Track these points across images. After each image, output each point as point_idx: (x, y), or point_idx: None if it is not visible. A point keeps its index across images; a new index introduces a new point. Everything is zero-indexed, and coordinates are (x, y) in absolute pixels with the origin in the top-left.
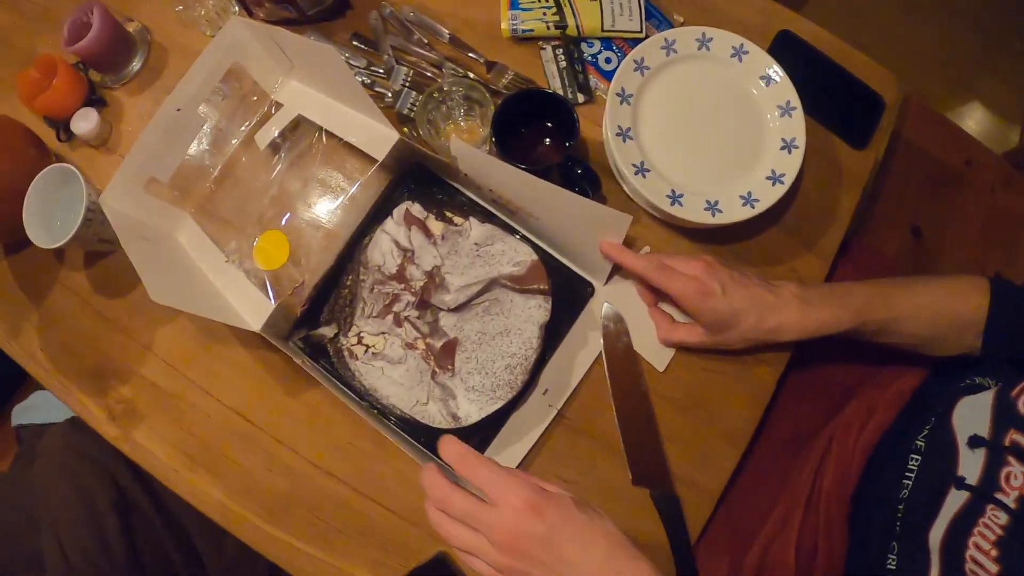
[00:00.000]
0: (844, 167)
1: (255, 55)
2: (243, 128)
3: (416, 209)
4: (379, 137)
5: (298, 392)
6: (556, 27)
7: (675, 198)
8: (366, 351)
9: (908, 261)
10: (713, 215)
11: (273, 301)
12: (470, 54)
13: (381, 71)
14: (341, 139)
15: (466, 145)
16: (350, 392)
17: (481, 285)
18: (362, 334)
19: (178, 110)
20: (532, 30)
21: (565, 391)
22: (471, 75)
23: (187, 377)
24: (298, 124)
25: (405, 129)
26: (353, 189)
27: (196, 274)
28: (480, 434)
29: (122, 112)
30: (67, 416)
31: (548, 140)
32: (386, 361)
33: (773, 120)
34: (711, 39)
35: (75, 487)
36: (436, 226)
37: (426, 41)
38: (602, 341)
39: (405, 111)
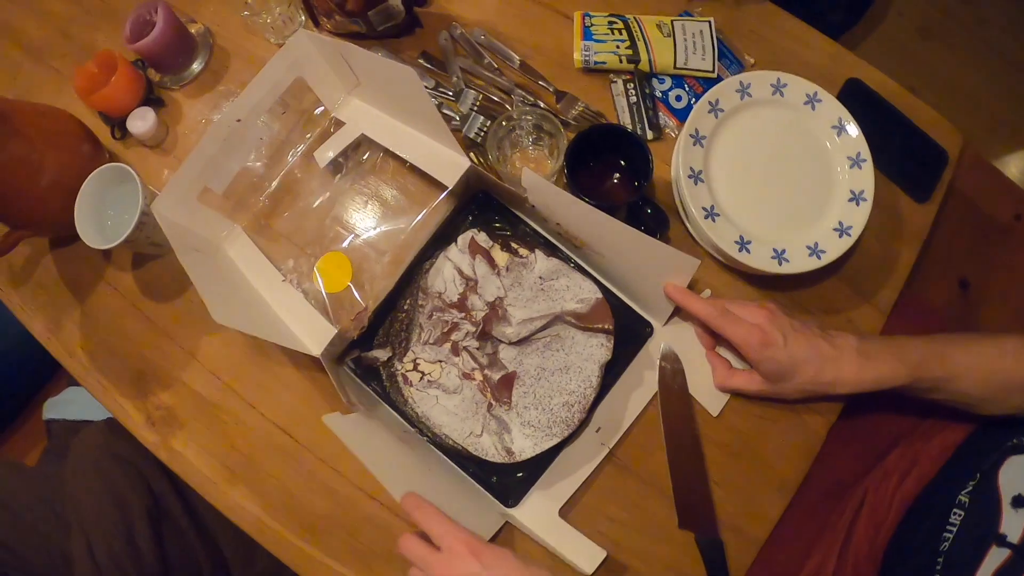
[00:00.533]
0: (905, 220)
1: (320, 70)
2: (302, 144)
3: (482, 238)
4: (449, 163)
5: (346, 412)
6: (629, 61)
7: (743, 244)
8: (421, 378)
9: (955, 313)
10: (780, 264)
11: (334, 325)
12: (540, 82)
13: (449, 93)
14: (405, 162)
15: (539, 177)
16: (399, 415)
17: (544, 320)
18: (418, 360)
19: (238, 120)
20: (604, 62)
21: (618, 430)
22: (542, 104)
23: (232, 388)
24: (360, 144)
25: (471, 154)
26: (420, 216)
27: (251, 292)
28: (528, 468)
29: (180, 114)
30: (101, 415)
31: (617, 176)
32: (441, 390)
33: (843, 171)
34: (786, 85)
35: (109, 490)
36: (501, 256)
37: (496, 65)
38: (657, 380)
39: (472, 135)
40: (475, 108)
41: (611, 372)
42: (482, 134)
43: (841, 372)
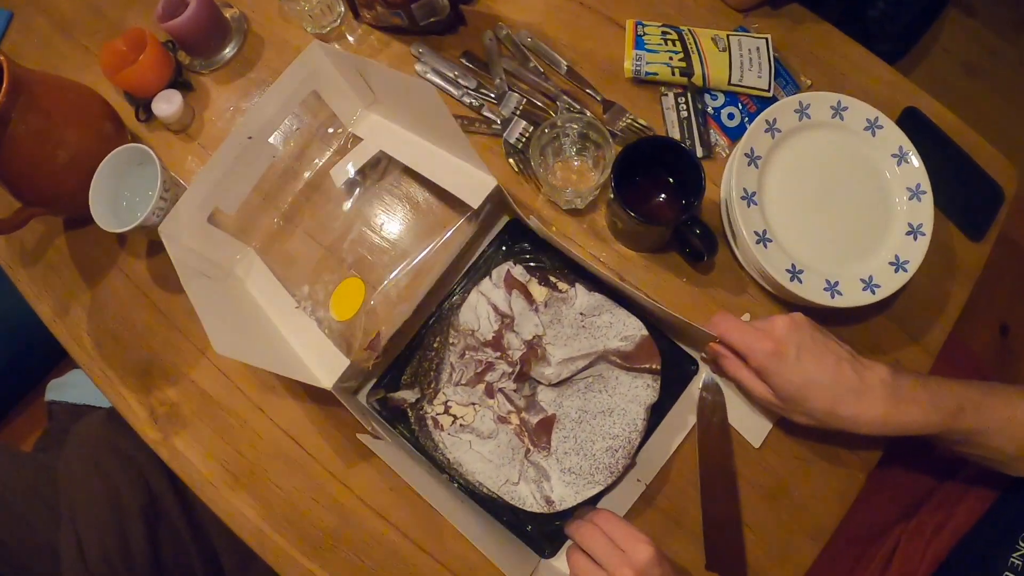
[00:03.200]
0: (958, 258)
1: (335, 84)
2: (317, 161)
3: (518, 272)
4: (474, 182)
5: (360, 428)
6: (682, 74)
7: (795, 274)
8: (453, 422)
9: (993, 358)
10: (832, 296)
11: (347, 355)
12: (587, 90)
13: (491, 95)
14: (426, 180)
15: (542, 228)
16: (429, 462)
17: (586, 360)
18: (450, 403)
19: (249, 138)
20: (656, 74)
21: (655, 466)
22: (588, 113)
23: (241, 390)
24: (379, 161)
25: (511, 161)
26: (442, 238)
27: (261, 319)
28: (566, 516)
29: (207, 99)
30: (104, 401)
31: (663, 194)
32: (475, 435)
33: (901, 203)
34: (846, 108)
35: (104, 485)
36: (539, 291)
37: (541, 70)
38: (696, 412)
39: (512, 140)
40: (517, 112)
41: (655, 414)
42: (523, 140)
43: (864, 410)
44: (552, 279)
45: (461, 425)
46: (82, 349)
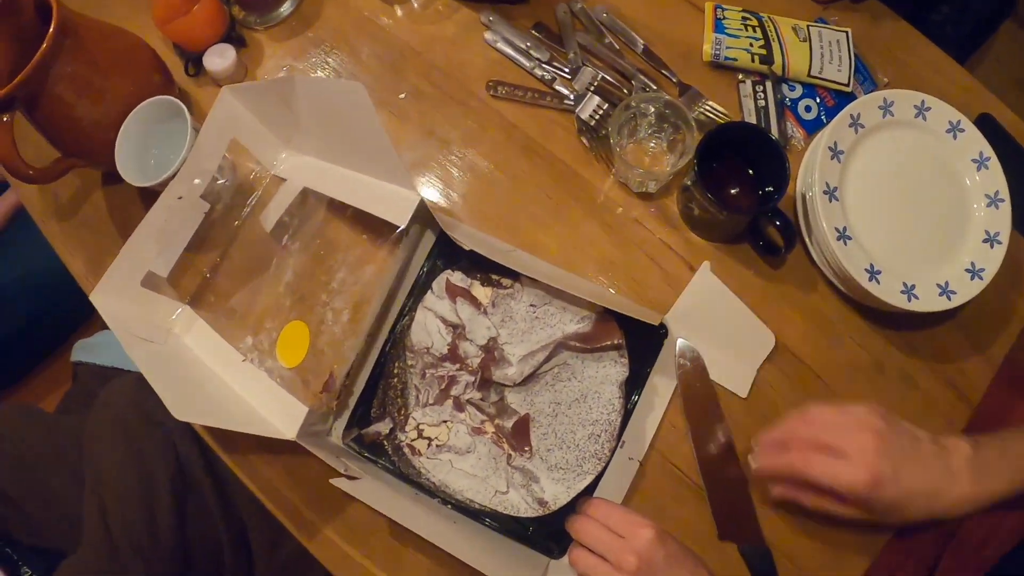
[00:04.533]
0: None
1: (252, 128)
2: (245, 210)
3: (457, 278)
4: (399, 201)
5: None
6: (762, 61)
7: (873, 274)
8: (429, 444)
9: None
10: (909, 300)
11: (304, 403)
12: (663, 71)
13: (565, 70)
14: (355, 211)
15: (470, 229)
16: (417, 489)
17: (546, 351)
18: (421, 426)
19: (179, 198)
20: (735, 59)
21: (645, 440)
22: (666, 94)
23: None
24: (306, 198)
25: (583, 138)
26: (375, 264)
27: (212, 378)
28: (566, 512)
29: (261, 56)
30: (133, 366)
31: (740, 183)
32: (453, 452)
33: (979, 209)
34: (929, 109)
35: (132, 452)
36: (483, 293)
37: (617, 47)
38: (678, 383)
39: (585, 116)
40: (592, 88)
41: (632, 388)
42: (596, 117)
43: (955, 497)
44: (494, 277)
45: (437, 446)
46: None
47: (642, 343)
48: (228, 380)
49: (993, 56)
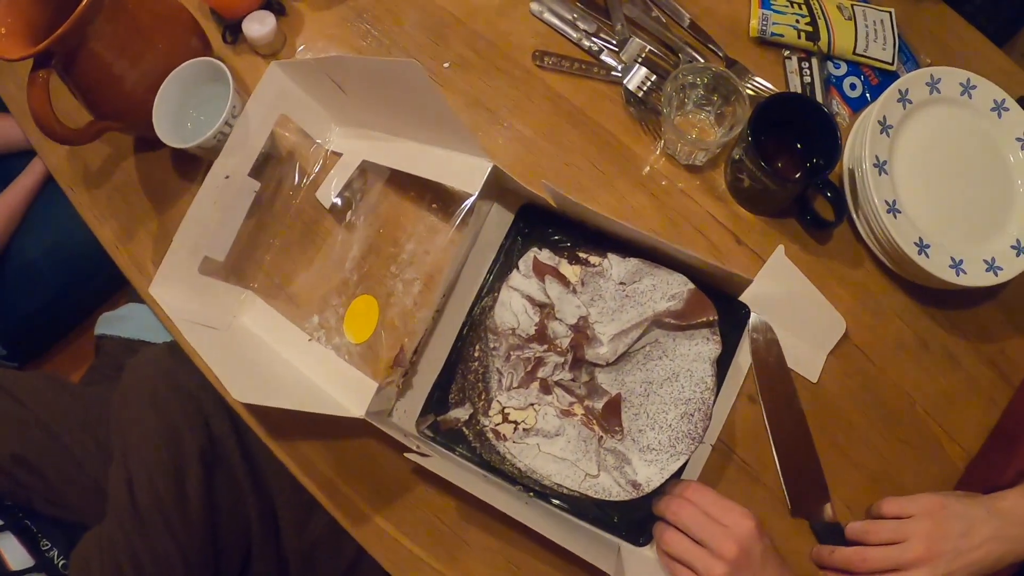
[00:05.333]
0: None
1: (302, 103)
2: (300, 188)
3: (545, 256)
4: (469, 168)
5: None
6: (808, 38)
7: (922, 247)
8: (515, 428)
9: None
10: (957, 275)
11: (374, 378)
12: (709, 45)
13: (612, 42)
14: (420, 181)
15: (559, 193)
16: (499, 479)
17: (638, 330)
18: (507, 410)
19: (227, 177)
20: (782, 35)
21: (718, 423)
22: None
23: None
24: (364, 172)
25: (630, 108)
26: (449, 233)
27: (276, 361)
28: (651, 497)
29: (300, 25)
30: (161, 337)
31: (788, 157)
32: (542, 436)
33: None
34: (975, 87)
35: (162, 421)
36: (571, 271)
37: (663, 20)
38: (752, 358)
39: (633, 87)
40: (640, 59)
41: (721, 367)
42: (644, 88)
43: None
44: (582, 255)
45: (524, 430)
46: (144, 278)
47: (723, 323)
48: (293, 361)
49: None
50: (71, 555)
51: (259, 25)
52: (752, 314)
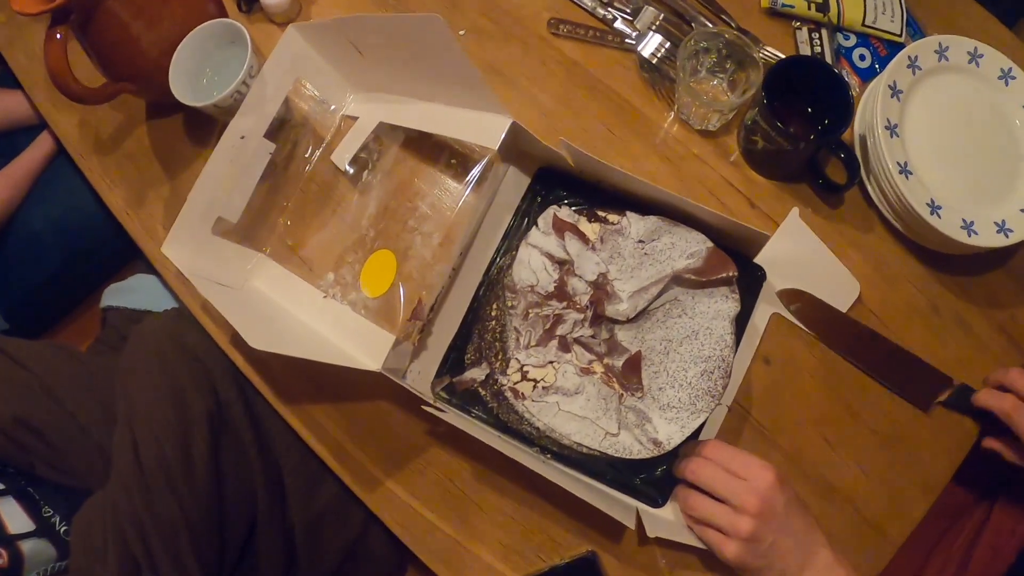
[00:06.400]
0: None
1: (319, 68)
2: (317, 150)
3: (565, 213)
4: (488, 125)
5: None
6: (818, 9)
7: (934, 208)
8: (535, 386)
9: None
10: (968, 235)
11: (391, 332)
12: (722, 16)
13: (627, 10)
14: (437, 141)
15: (577, 149)
16: (516, 440)
17: (658, 287)
18: (526, 368)
19: (242, 138)
20: (793, 6)
21: (735, 384)
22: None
23: None
24: (379, 135)
25: (644, 75)
26: (468, 189)
27: (291, 320)
28: (669, 458)
29: None
30: (165, 306)
31: (801, 121)
32: (561, 394)
33: None
34: (982, 56)
35: (169, 383)
36: (590, 229)
37: None
38: (795, 319)
39: (647, 55)
40: (654, 27)
41: (739, 325)
42: (659, 55)
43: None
44: (601, 213)
45: (544, 388)
46: (155, 243)
47: (743, 287)
48: (307, 320)
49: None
50: (73, 519)
51: None
52: (779, 287)
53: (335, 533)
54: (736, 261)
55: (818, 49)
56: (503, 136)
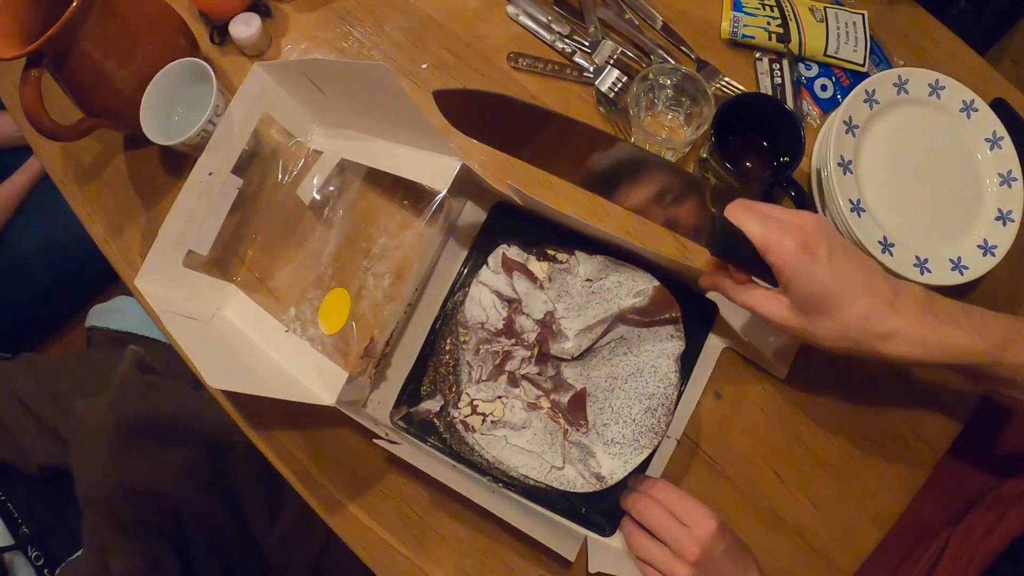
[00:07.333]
0: None
1: (284, 103)
2: (282, 185)
3: (514, 252)
4: (439, 167)
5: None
6: (779, 40)
7: (886, 246)
8: (484, 420)
9: None
10: (922, 273)
11: (344, 368)
12: (682, 47)
13: (585, 44)
14: (395, 180)
15: (523, 193)
16: (468, 469)
17: (603, 326)
18: (476, 402)
19: (210, 174)
20: (753, 37)
21: (683, 418)
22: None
23: None
24: (343, 170)
25: (601, 109)
26: (417, 228)
27: (254, 351)
28: (618, 490)
29: (286, 27)
30: (148, 330)
31: (756, 156)
32: (509, 428)
33: (992, 187)
34: (943, 88)
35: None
36: (539, 267)
37: (636, 23)
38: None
39: (605, 88)
40: (612, 61)
41: (685, 363)
42: (616, 89)
43: (900, 325)
44: (550, 252)
45: (492, 421)
46: (132, 272)
47: (689, 321)
48: (270, 351)
49: (1009, 56)
50: None
51: (245, 26)
52: (728, 322)
53: (300, 551)
54: (689, 296)
55: (779, 80)
56: (452, 178)
